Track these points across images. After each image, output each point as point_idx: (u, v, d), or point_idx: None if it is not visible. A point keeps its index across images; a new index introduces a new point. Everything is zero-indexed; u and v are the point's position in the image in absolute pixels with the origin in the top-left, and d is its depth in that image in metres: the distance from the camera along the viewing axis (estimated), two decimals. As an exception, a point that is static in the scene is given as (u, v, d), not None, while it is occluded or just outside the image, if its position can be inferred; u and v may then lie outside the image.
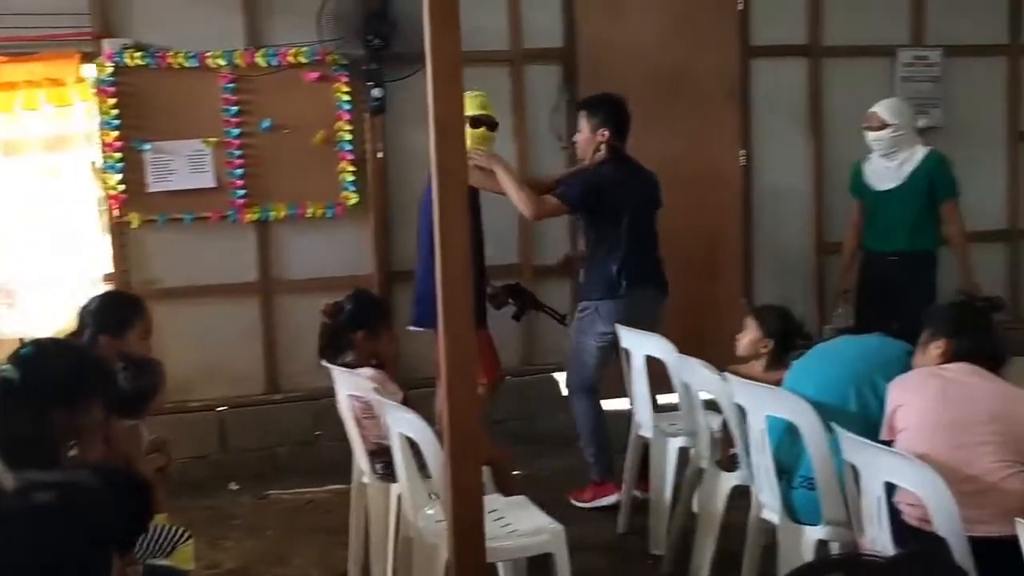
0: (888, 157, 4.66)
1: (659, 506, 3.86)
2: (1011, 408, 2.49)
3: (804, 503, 2.89)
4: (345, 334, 3.48)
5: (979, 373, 2.60)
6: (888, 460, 2.32)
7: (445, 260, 2.48)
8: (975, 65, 5.93)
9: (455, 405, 2.54)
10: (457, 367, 2.53)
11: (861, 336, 3.23)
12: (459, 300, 2.50)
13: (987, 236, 5.85)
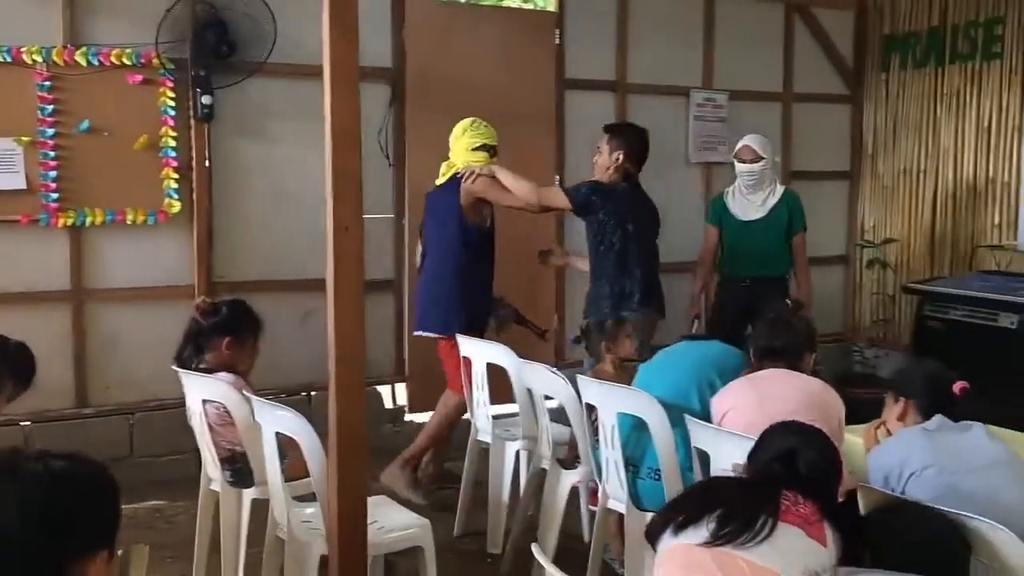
0: (753, 189, 5.15)
1: (497, 507, 4.06)
2: (820, 401, 2.88)
3: (649, 492, 3.18)
4: (210, 337, 3.43)
5: (788, 374, 2.99)
6: (738, 443, 2.63)
7: (338, 261, 2.57)
8: (755, 108, 6.62)
9: (342, 402, 2.62)
10: (345, 365, 2.61)
11: (701, 341, 3.58)
12: (350, 298, 2.59)
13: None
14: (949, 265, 6.45)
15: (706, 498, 2.01)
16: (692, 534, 1.92)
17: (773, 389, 2.90)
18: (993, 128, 6.16)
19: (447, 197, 4.49)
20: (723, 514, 1.91)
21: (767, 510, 1.90)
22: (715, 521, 1.90)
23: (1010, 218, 6.07)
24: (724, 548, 1.86)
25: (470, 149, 4.51)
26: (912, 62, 6.66)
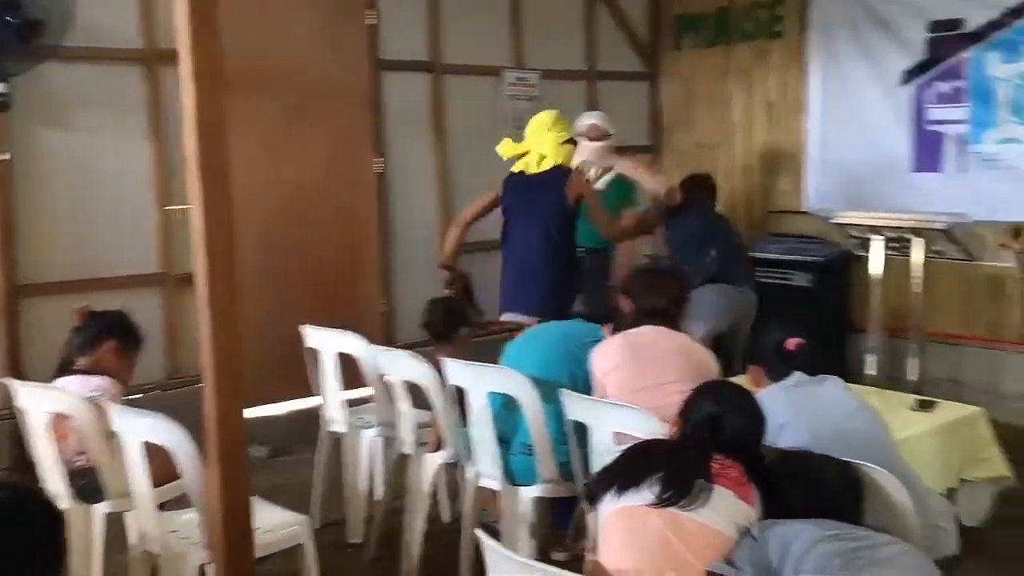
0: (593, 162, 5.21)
1: (355, 496, 4.04)
2: (693, 359, 3.08)
3: (521, 467, 3.28)
4: (95, 340, 3.24)
5: (662, 332, 3.16)
6: (617, 412, 2.77)
7: (212, 258, 2.47)
8: (563, 87, 6.83)
9: (221, 404, 2.54)
10: (222, 365, 2.53)
11: (562, 321, 3.68)
12: (224, 295, 2.50)
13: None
14: (744, 230, 6.94)
15: (643, 462, 2.14)
16: (635, 496, 2.04)
17: (655, 350, 3.06)
18: (778, 102, 6.67)
19: (549, 188, 4.50)
20: (664, 478, 2.04)
21: (702, 474, 2.05)
22: (657, 484, 2.03)
23: (796, 185, 6.61)
24: (669, 509, 1.99)
25: (560, 143, 4.61)
26: (704, 40, 7.08)
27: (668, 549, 1.98)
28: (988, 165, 5.64)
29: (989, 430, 3.67)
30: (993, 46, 5.56)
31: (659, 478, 2.06)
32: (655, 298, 3.24)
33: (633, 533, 2.02)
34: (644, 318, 3.19)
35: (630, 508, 2.06)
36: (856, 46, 6.14)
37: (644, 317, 3.20)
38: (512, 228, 4.65)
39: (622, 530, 2.04)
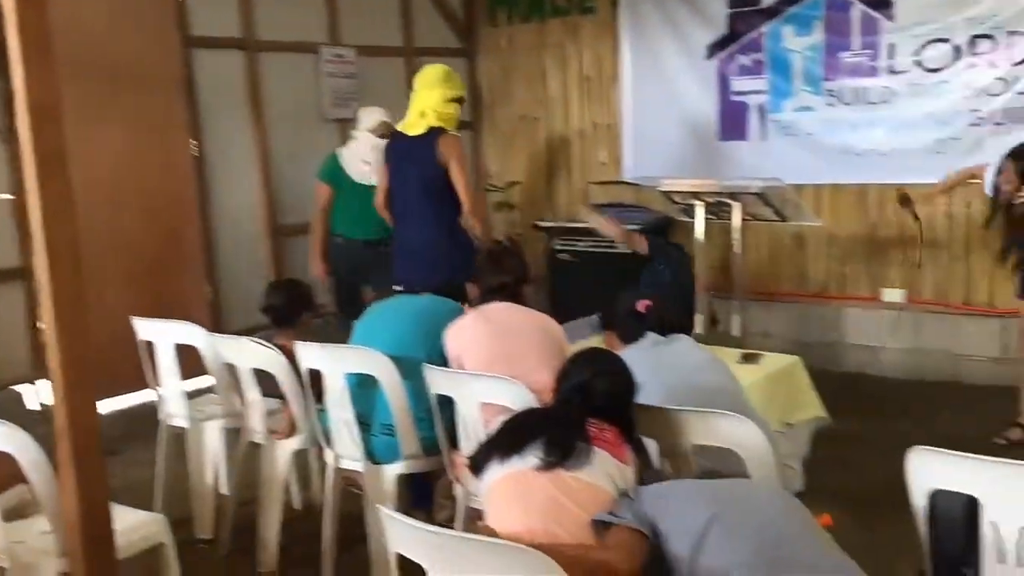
0: (375, 157, 5.09)
1: (202, 490, 3.90)
2: (548, 331, 3.17)
3: (383, 447, 3.27)
4: None
5: (512, 307, 3.23)
6: (482, 383, 2.81)
7: (52, 251, 2.32)
8: (381, 64, 6.77)
9: (73, 404, 2.40)
10: (71, 362, 2.39)
11: (415, 295, 3.67)
12: (70, 290, 2.36)
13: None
14: (567, 201, 7.15)
15: (524, 430, 2.19)
16: (519, 462, 2.09)
17: (509, 324, 3.13)
18: (593, 76, 6.88)
19: (423, 149, 4.33)
20: (546, 441, 2.10)
21: (582, 437, 2.13)
22: (540, 448, 2.09)
23: (614, 156, 6.86)
24: (554, 470, 2.06)
25: (446, 100, 4.39)
26: (518, 16, 7.19)
27: (556, 507, 2.05)
28: (786, 132, 6.06)
29: (806, 377, 3.97)
30: (786, 20, 5.96)
31: (542, 442, 2.13)
32: (499, 275, 3.31)
33: (521, 496, 2.08)
34: (489, 295, 3.27)
35: (515, 473, 2.12)
36: (663, 21, 6.42)
37: (489, 294, 3.27)
38: (395, 197, 4.54)
39: (510, 494, 2.10)
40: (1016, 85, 5.21)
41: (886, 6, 5.57)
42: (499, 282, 3.28)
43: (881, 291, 5.86)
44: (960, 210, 5.53)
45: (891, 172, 5.68)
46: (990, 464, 1.90)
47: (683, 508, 1.96)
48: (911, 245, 5.63)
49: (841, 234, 5.97)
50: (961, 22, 5.34)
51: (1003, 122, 5.27)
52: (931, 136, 5.52)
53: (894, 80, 5.61)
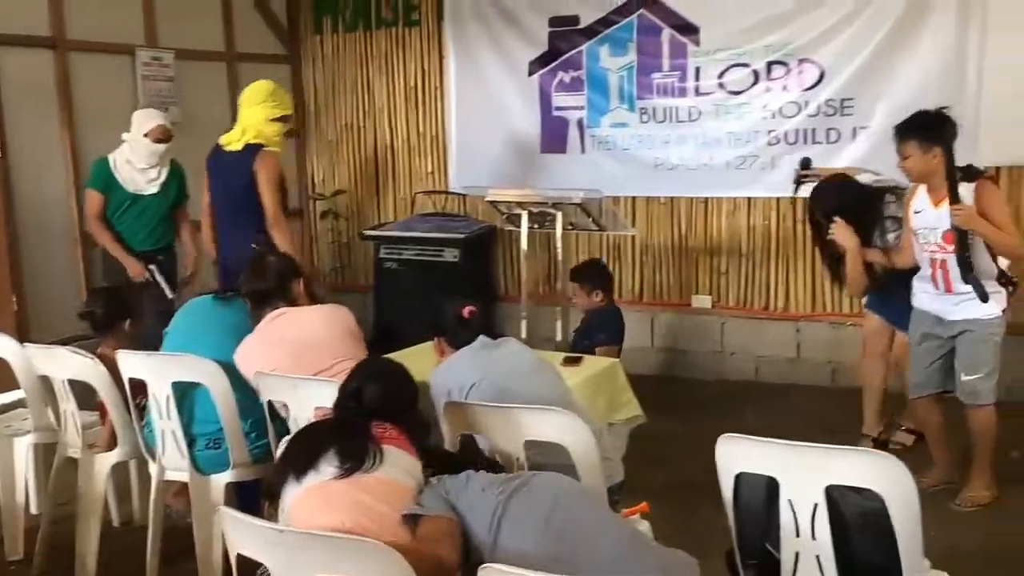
0: (153, 165, 5.02)
1: (11, 510, 3.72)
2: (342, 319, 3.23)
3: (208, 461, 3.23)
4: None
5: (293, 314, 3.26)
6: (317, 388, 2.83)
7: None
8: (201, 68, 6.61)
9: None
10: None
11: (202, 300, 3.52)
12: None
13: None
14: (393, 211, 7.20)
15: (313, 445, 2.20)
16: (315, 476, 2.11)
17: (297, 334, 3.15)
18: (419, 88, 6.97)
19: (239, 164, 4.34)
20: (338, 451, 2.14)
21: (370, 439, 2.18)
22: (334, 459, 2.12)
23: (440, 166, 6.97)
24: (354, 476, 2.10)
25: (268, 119, 4.39)
26: (343, 25, 7.19)
27: (363, 507, 2.08)
28: (604, 146, 6.35)
29: (624, 378, 4.20)
30: (602, 41, 6.26)
31: (334, 453, 2.16)
32: (262, 282, 3.34)
33: (325, 502, 2.09)
34: (259, 303, 3.29)
35: (314, 487, 2.12)
36: (488, 37, 6.60)
37: (259, 302, 3.30)
38: (215, 208, 4.60)
39: (314, 504, 2.09)
40: (807, 108, 5.69)
41: (692, 32, 5.95)
42: (255, 288, 3.30)
43: (691, 297, 6.24)
44: (759, 223, 5.98)
45: (698, 186, 6.08)
46: (785, 447, 2.12)
47: (478, 499, 2.07)
48: (715, 255, 6.07)
49: (653, 243, 6.32)
50: (759, 49, 5.78)
51: (796, 141, 5.74)
52: (733, 153, 5.94)
53: (700, 100, 6.00)
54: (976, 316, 3.73)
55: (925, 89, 5.29)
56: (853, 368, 5.36)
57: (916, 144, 3.71)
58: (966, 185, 3.67)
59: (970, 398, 3.83)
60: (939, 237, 3.73)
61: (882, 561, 2.08)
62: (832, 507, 2.08)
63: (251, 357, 3.12)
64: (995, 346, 3.77)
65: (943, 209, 3.69)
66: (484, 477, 2.15)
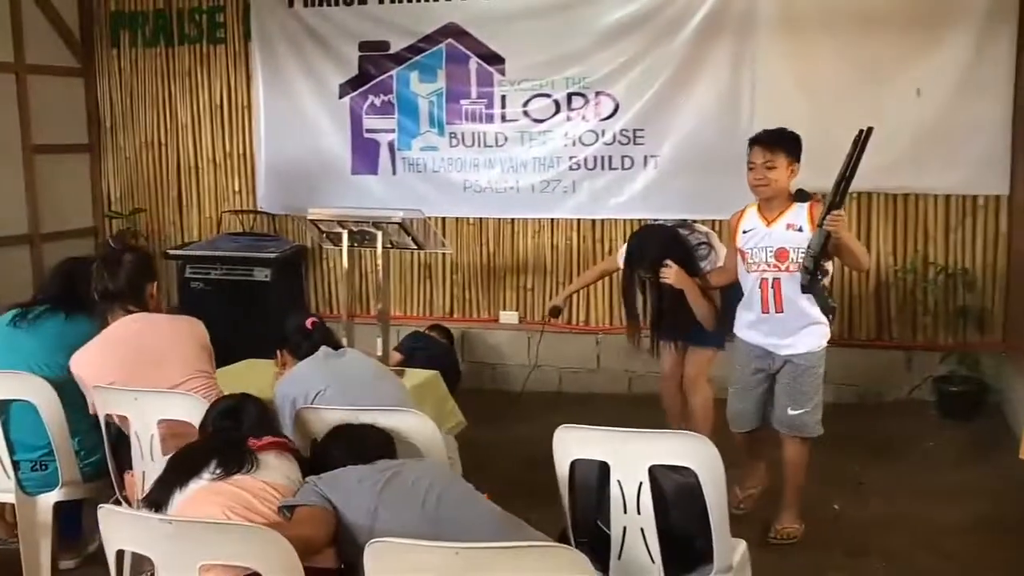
0: None
1: None
2: (189, 335, 3.24)
3: (35, 482, 3.15)
4: None
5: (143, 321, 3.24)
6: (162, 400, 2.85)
7: None
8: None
9: None
10: None
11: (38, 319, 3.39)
12: None
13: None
14: (198, 230, 7.09)
15: (194, 458, 2.33)
16: (198, 482, 2.22)
17: (143, 343, 3.14)
18: (226, 105, 6.92)
19: None
20: (220, 460, 2.27)
21: (247, 450, 2.32)
22: (216, 467, 2.25)
23: (249, 185, 6.94)
24: (234, 476, 2.22)
25: None
26: (143, 40, 7.03)
27: (245, 501, 2.23)
28: (414, 168, 6.56)
29: (445, 388, 4.41)
30: (412, 67, 6.48)
31: (215, 463, 2.30)
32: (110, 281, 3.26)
33: (211, 496, 2.22)
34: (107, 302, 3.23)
35: (202, 488, 2.25)
36: (297, 59, 6.65)
37: (106, 301, 3.23)
38: None
39: (198, 499, 2.22)
40: (604, 136, 6.15)
41: (498, 62, 6.29)
42: (115, 289, 3.24)
43: (499, 313, 6.55)
44: (562, 242, 6.38)
45: (505, 207, 6.42)
46: (615, 433, 2.40)
47: (354, 489, 2.24)
48: (522, 273, 6.43)
49: (462, 262, 6.58)
50: (560, 80, 6.19)
51: (594, 167, 6.19)
52: (538, 177, 6.32)
53: (506, 127, 6.34)
54: (801, 351, 3.71)
55: (705, 123, 5.89)
56: (648, 377, 5.87)
57: (784, 155, 3.72)
58: (800, 205, 3.72)
59: (795, 431, 3.78)
60: (771, 256, 3.69)
61: (695, 530, 2.39)
62: (654, 484, 2.37)
63: (94, 363, 3.07)
64: (819, 379, 3.75)
65: (776, 227, 3.70)
66: (357, 470, 2.30)
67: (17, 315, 3.31)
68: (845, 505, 4.26)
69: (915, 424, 5.34)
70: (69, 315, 3.31)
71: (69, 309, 3.30)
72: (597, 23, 6.08)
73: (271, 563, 1.81)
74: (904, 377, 5.73)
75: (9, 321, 3.31)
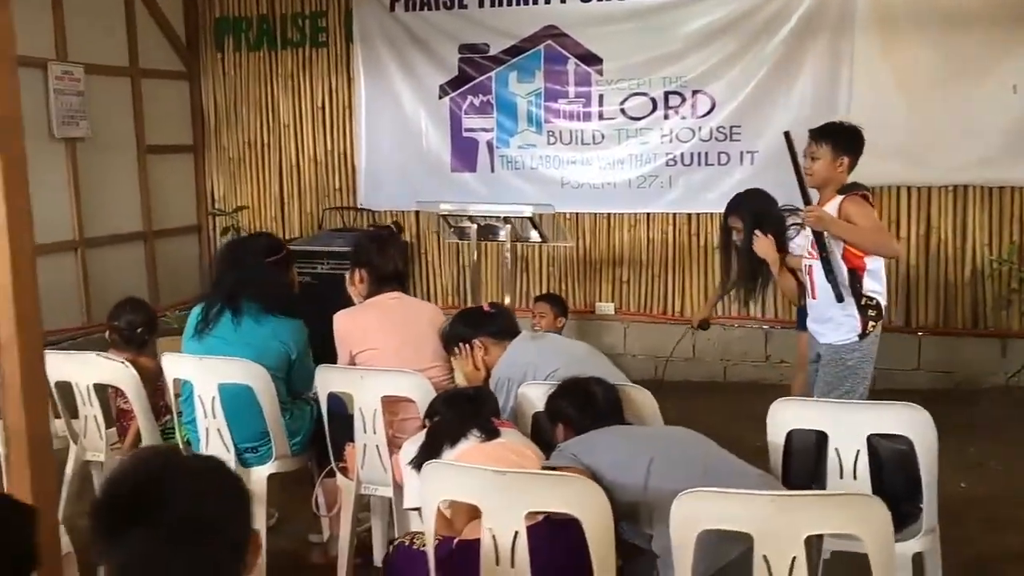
0: None
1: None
2: (434, 323, 3.50)
3: (247, 462, 3.42)
4: None
5: (404, 299, 3.55)
6: (386, 378, 3.12)
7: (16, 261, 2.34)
8: (108, 83, 6.59)
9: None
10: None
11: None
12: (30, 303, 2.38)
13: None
14: (300, 226, 7.36)
15: (454, 428, 2.62)
16: (466, 443, 2.50)
17: (406, 316, 3.46)
18: (327, 106, 7.19)
19: None
20: (479, 427, 2.55)
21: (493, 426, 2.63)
22: (476, 431, 2.53)
23: (349, 183, 7.21)
24: (495, 441, 2.50)
25: None
26: (246, 44, 7.31)
27: (511, 458, 2.50)
28: (512, 165, 6.82)
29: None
30: (511, 68, 6.74)
31: (475, 428, 2.60)
32: (389, 262, 3.55)
33: (486, 456, 2.51)
34: (380, 284, 3.52)
35: (470, 447, 2.56)
36: (398, 61, 6.92)
37: (380, 283, 3.52)
38: None
39: (474, 457, 2.50)
40: (700, 133, 6.38)
41: (597, 62, 6.53)
42: (392, 267, 3.54)
43: (595, 304, 6.80)
44: (658, 236, 6.62)
45: (602, 203, 6.66)
46: (835, 405, 2.65)
47: (622, 449, 2.49)
48: (617, 265, 6.67)
49: (559, 255, 6.83)
50: (657, 80, 6.43)
51: (691, 163, 6.43)
52: (634, 173, 6.56)
53: (604, 125, 6.59)
54: (830, 342, 3.75)
55: (802, 120, 6.05)
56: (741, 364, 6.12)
57: (829, 148, 3.73)
58: (838, 198, 3.71)
59: None
60: (810, 243, 3.78)
61: (903, 494, 2.63)
62: (871, 451, 2.61)
63: (353, 321, 3.42)
64: (848, 371, 3.70)
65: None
66: (618, 430, 2.56)
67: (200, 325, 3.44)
68: (971, 484, 4.48)
69: (1019, 409, 5.54)
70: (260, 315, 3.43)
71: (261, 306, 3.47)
72: (693, 24, 6.32)
73: (588, 510, 2.06)
74: (1000, 364, 5.93)
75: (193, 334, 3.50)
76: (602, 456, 2.43)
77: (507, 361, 3.17)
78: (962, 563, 3.25)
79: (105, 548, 1.40)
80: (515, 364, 3.14)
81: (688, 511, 2.00)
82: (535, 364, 3.08)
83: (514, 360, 3.16)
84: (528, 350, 3.18)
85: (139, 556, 1.38)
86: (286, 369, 3.40)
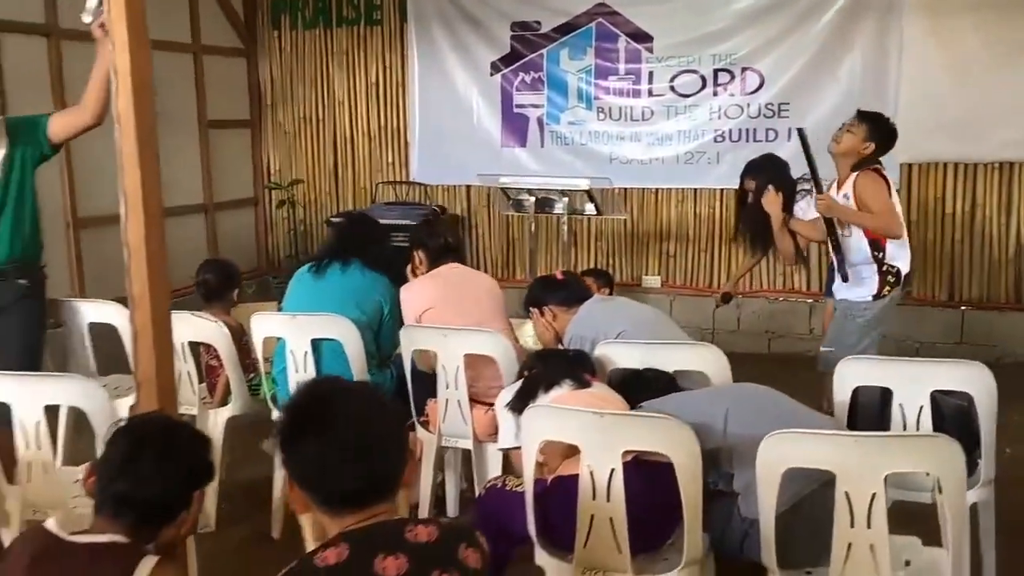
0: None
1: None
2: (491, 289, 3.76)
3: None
4: None
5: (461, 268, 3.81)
6: (468, 337, 3.32)
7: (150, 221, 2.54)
8: (170, 59, 6.80)
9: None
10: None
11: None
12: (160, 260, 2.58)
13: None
14: (352, 200, 7.57)
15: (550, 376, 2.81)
16: (559, 390, 2.70)
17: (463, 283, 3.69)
18: (381, 83, 7.38)
19: None
20: (572, 376, 2.74)
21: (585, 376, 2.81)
22: (567, 383, 2.72)
23: (402, 157, 7.41)
24: (584, 390, 2.70)
25: None
26: (303, 22, 7.51)
27: (599, 401, 2.70)
28: (562, 141, 6.99)
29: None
30: (562, 45, 6.89)
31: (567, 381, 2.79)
32: (439, 237, 3.86)
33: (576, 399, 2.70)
34: (438, 257, 3.78)
35: (565, 394, 2.73)
36: (451, 38, 7.10)
37: (438, 256, 3.79)
38: None
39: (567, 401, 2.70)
40: (749, 110, 6.52)
41: (647, 40, 6.67)
42: (443, 242, 3.79)
43: (642, 277, 6.97)
44: (705, 211, 6.77)
45: (650, 178, 6.82)
46: (899, 363, 2.82)
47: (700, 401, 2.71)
48: (664, 240, 6.83)
49: (607, 229, 7.00)
50: (706, 57, 6.56)
51: (739, 139, 6.57)
52: (683, 149, 6.71)
53: (653, 101, 6.74)
54: (846, 297, 3.97)
55: (851, 98, 6.19)
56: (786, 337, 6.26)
57: (866, 129, 3.92)
58: (854, 175, 3.91)
59: (823, 366, 3.87)
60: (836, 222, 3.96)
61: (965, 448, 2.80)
62: (933, 407, 2.79)
63: (416, 290, 3.63)
64: (858, 327, 3.90)
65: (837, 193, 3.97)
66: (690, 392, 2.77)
67: (314, 267, 3.80)
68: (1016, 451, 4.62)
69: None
70: (365, 268, 3.77)
71: (366, 263, 3.76)
72: (742, 2, 6.44)
73: (680, 448, 2.25)
74: (1042, 337, 6.06)
75: (309, 270, 3.81)
76: (681, 410, 2.62)
77: (579, 321, 3.39)
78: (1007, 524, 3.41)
79: (287, 455, 1.70)
80: (586, 324, 3.36)
81: (775, 451, 2.18)
82: (605, 324, 3.27)
83: (585, 321, 3.37)
84: (599, 311, 3.37)
85: (312, 460, 1.68)
86: (378, 321, 3.67)
